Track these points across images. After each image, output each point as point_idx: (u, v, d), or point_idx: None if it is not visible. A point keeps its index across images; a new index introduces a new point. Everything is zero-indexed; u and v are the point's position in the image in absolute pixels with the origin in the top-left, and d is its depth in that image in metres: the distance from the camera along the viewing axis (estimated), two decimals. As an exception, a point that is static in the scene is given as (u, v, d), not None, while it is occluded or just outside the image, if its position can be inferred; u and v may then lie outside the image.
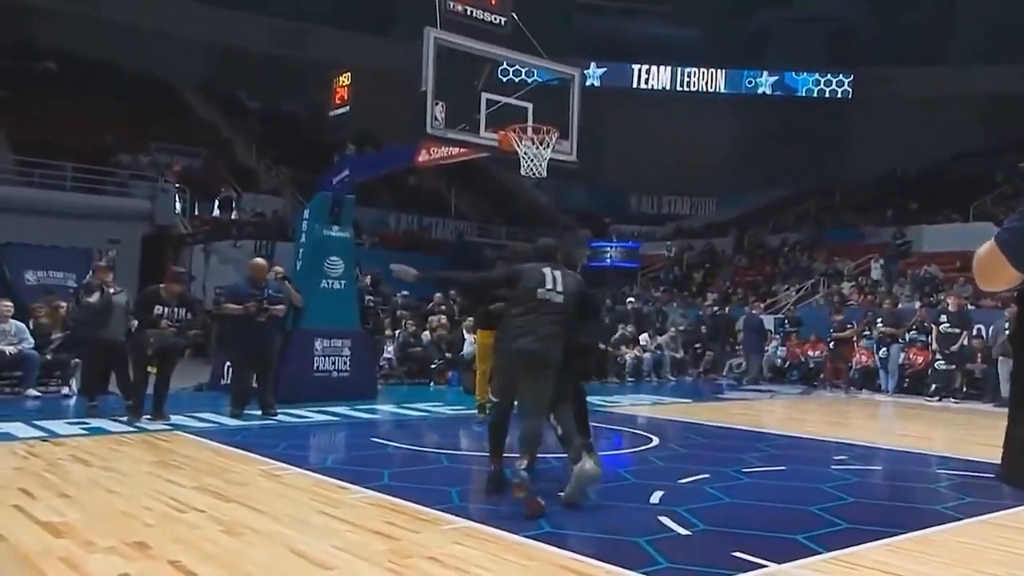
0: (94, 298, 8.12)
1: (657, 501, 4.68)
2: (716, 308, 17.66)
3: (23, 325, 9.48)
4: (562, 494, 4.48)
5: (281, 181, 24.37)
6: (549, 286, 4.69)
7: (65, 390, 9.43)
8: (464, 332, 12.45)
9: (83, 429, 6.86)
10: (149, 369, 7.16)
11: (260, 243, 16.97)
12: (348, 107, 9.83)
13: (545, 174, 8.89)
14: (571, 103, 9.33)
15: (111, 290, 8.13)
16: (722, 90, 35.64)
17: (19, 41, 25.87)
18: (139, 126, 23.17)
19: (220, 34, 30.73)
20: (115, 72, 25.87)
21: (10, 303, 9.59)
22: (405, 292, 14.53)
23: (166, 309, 7.37)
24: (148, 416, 7.34)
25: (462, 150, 8.97)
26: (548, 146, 8.74)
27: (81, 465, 5.29)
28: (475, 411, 8.28)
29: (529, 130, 8.67)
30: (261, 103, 29.74)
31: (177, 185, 19.93)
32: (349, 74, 9.98)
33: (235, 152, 25.86)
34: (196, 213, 20.60)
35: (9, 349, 9.12)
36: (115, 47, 27.35)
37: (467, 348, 11.82)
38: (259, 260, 8.94)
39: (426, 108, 8.08)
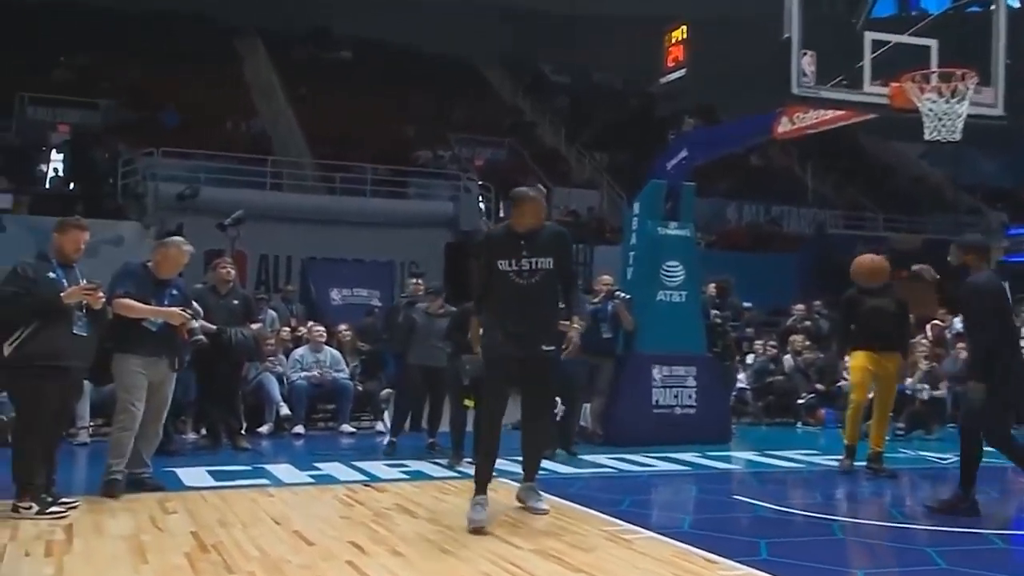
0: (419, 316, 8.82)
1: None
2: None
3: (339, 354, 10.59)
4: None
5: (596, 169, 25.02)
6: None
7: (379, 426, 10.36)
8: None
9: (403, 472, 7.41)
10: (466, 402, 7.50)
11: (576, 248, 17.51)
12: (684, 70, 9.68)
13: (959, 135, 7.98)
14: (994, 32, 8.27)
15: (426, 307, 8.73)
16: None
17: (317, 29, 29.42)
18: (439, 115, 25.24)
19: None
20: (412, 55, 28.33)
21: (323, 328, 10.78)
22: (748, 304, 14.00)
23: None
24: (469, 460, 7.65)
25: (838, 113, 8.44)
26: (963, 98, 7.84)
27: (408, 517, 5.65)
28: (865, 461, 7.61)
29: (934, 78, 7.85)
30: (569, 76, 30.83)
31: (480, 183, 21.13)
32: (685, 28, 9.81)
33: (541, 138, 27.13)
34: (501, 215, 21.82)
35: (326, 375, 10.18)
36: (410, 26, 29.92)
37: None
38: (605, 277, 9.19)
39: (790, 61, 7.63)
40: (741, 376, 12.13)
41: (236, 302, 8.52)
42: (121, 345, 6.11)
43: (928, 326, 13.04)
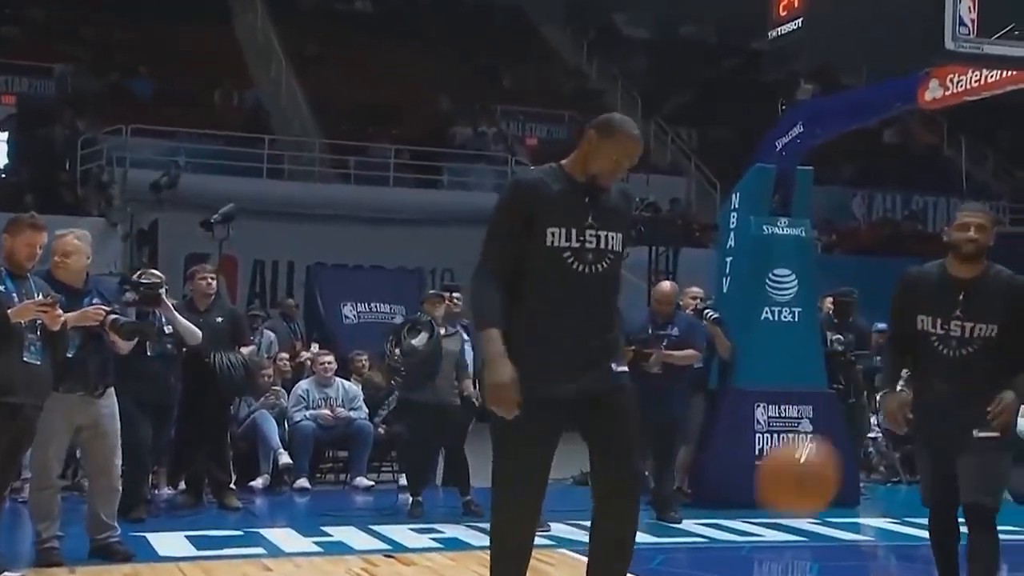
0: (419, 340, 8.72)
1: None
2: None
3: (356, 388, 10.63)
4: None
5: (682, 151, 24.96)
6: None
7: (403, 480, 10.37)
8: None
9: (433, 540, 7.41)
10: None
11: (656, 252, 17.35)
12: (800, 21, 9.60)
13: None
14: None
15: (442, 330, 8.67)
16: None
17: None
18: (482, 82, 25.28)
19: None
20: (447, 6, 28.44)
21: (331, 357, 10.80)
22: (880, 326, 13.78)
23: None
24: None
25: (1007, 75, 8.36)
26: None
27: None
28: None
29: None
30: (648, 30, 30.76)
31: (533, 168, 21.18)
32: (801, -32, 9.75)
33: (611, 109, 27.01)
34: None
35: (341, 413, 10.20)
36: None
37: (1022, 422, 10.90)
38: (668, 284, 9.19)
39: (944, 10, 7.54)
40: (873, 419, 11.95)
41: (220, 320, 8.57)
42: None
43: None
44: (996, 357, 4.77)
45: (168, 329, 7.75)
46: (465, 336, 9.07)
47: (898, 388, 5.44)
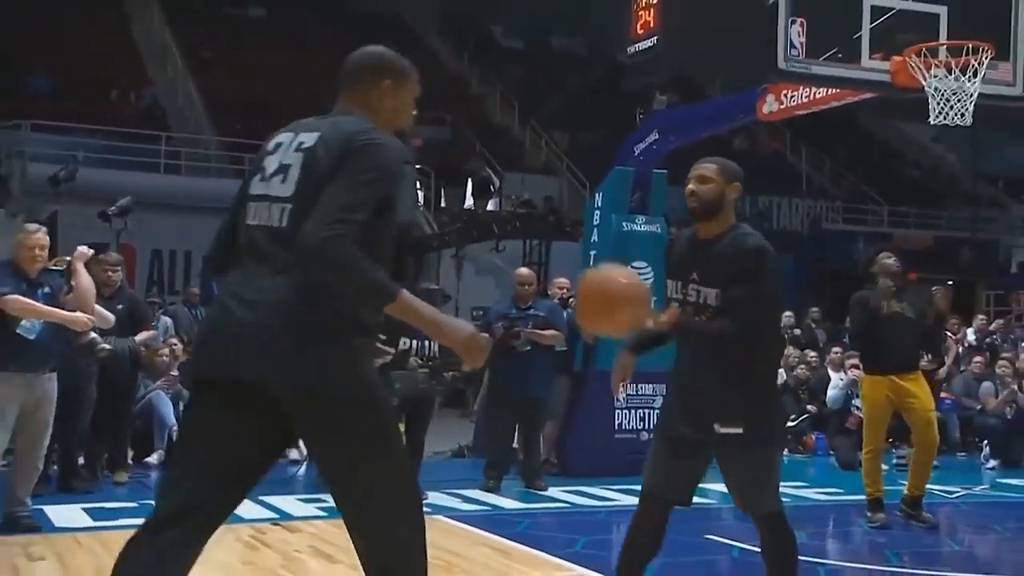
0: None
1: None
2: None
3: None
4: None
5: (555, 153, 25.17)
6: None
7: (294, 454, 10.31)
8: (830, 371, 11.94)
9: (319, 509, 7.37)
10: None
11: (529, 244, 17.54)
12: (655, 38, 9.82)
13: (970, 119, 8.21)
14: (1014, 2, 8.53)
15: None
16: None
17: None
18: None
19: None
20: (335, 13, 28.30)
21: None
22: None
23: (414, 343, 7.76)
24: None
25: (831, 92, 8.65)
26: (975, 74, 8.06)
27: (324, 561, 5.71)
28: (863, 500, 7.76)
29: (942, 51, 8.07)
30: (523, 41, 30.92)
31: (418, 167, 21.09)
32: (656, -11, 9.95)
33: (491, 115, 27.21)
34: (443, 205, 21.84)
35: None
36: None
37: (833, 394, 11.47)
38: (524, 270, 9.20)
39: (776, 31, 7.80)
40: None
41: (121, 307, 8.45)
42: None
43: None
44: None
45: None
46: None
47: None
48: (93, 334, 6.57)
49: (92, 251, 7.00)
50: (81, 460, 8.75)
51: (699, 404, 3.91)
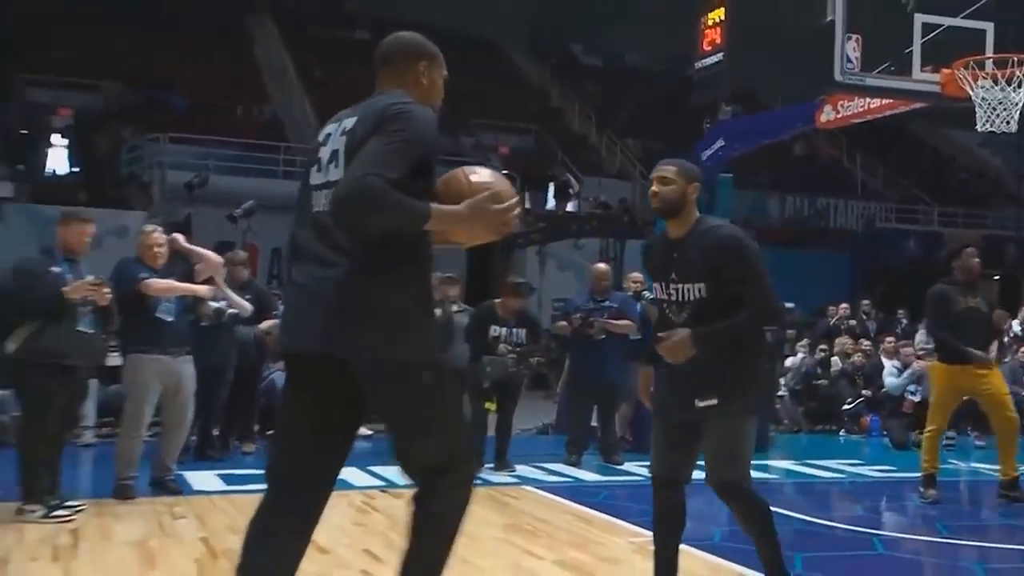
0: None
1: None
2: None
3: None
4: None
5: (628, 159, 25.08)
6: None
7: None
8: (883, 358, 11.71)
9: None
10: (487, 406, 7.65)
11: (606, 242, 17.50)
12: (721, 55, 9.78)
13: (1015, 126, 8.05)
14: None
15: (454, 307, 8.78)
16: None
17: (331, 5, 29.62)
18: (460, 99, 25.29)
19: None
20: (432, 35, 28.36)
21: None
22: (790, 304, 14.05)
23: (503, 330, 7.84)
24: (490, 465, 7.83)
25: (886, 102, 8.55)
26: (1020, 85, 7.90)
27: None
28: (915, 477, 7.63)
29: (989, 64, 7.93)
30: (600, 58, 30.84)
31: (505, 172, 21.28)
32: (723, 10, 9.91)
33: (571, 125, 27.18)
34: (528, 207, 21.92)
35: None
36: (431, 3, 30.08)
37: (891, 381, 11.19)
38: (601, 265, 9.22)
39: (834, 46, 7.73)
40: (781, 381, 12.16)
41: (249, 297, 8.64)
42: (134, 344, 6.28)
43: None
44: (717, 319, 3.68)
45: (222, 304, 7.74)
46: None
47: None
48: (215, 303, 6.66)
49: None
50: (215, 432, 9.02)
51: (683, 383, 3.77)
